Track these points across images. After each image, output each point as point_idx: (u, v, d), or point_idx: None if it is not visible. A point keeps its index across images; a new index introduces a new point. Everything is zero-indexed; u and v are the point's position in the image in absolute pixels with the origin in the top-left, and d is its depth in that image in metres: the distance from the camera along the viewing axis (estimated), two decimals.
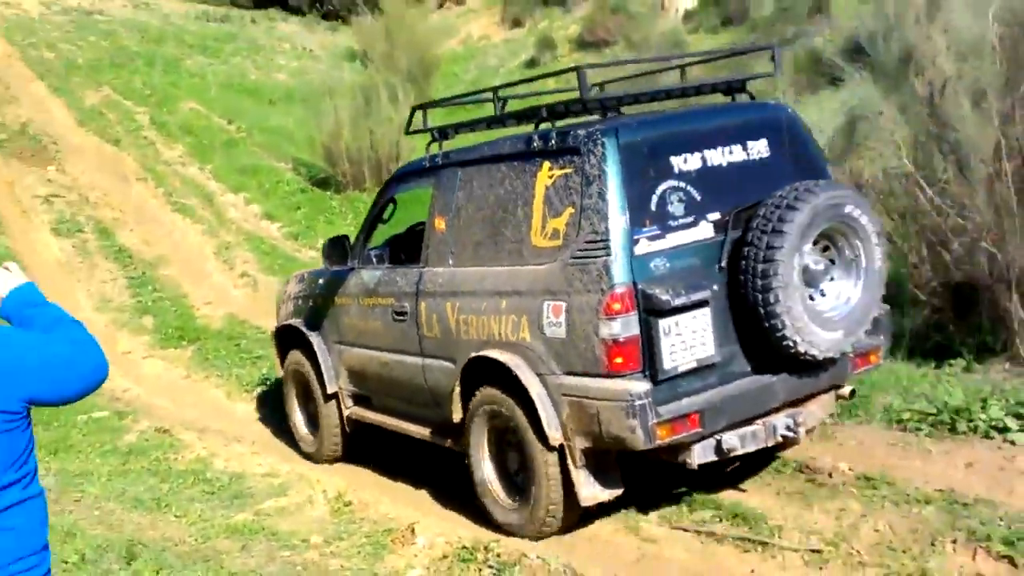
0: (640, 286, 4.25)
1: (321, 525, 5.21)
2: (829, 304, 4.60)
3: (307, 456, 6.67)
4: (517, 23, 21.83)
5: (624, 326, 4.23)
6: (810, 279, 4.51)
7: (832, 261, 4.63)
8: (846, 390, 5.02)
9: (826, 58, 12.98)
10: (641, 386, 4.21)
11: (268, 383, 8.18)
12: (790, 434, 4.62)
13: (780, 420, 4.61)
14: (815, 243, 4.50)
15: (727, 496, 4.98)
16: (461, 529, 4.94)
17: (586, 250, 4.36)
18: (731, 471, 5.16)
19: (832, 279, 4.63)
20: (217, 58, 19.42)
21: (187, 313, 10.21)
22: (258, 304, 10.55)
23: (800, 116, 5.17)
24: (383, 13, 19.72)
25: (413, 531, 4.83)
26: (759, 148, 4.76)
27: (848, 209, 4.49)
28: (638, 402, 4.18)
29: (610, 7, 19.17)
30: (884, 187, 7.27)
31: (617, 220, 4.28)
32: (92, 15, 20.28)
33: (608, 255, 4.27)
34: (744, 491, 5.02)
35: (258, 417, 7.80)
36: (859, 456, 5.11)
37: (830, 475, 4.96)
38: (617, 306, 4.23)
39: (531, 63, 19.16)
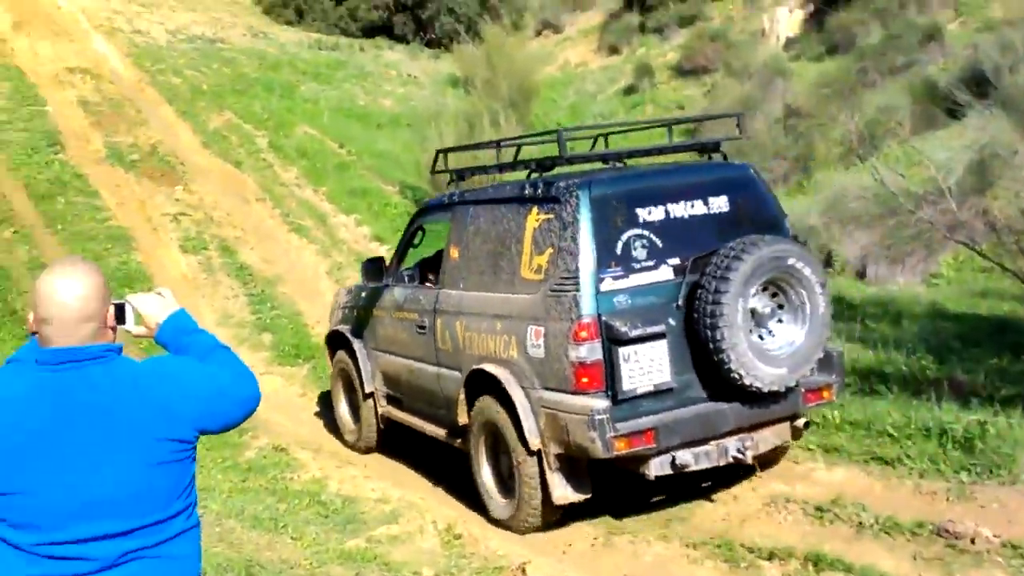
0: (604, 318, 5.02)
1: (432, 557, 5.30)
2: (775, 343, 5.23)
3: (349, 445, 7.72)
4: (614, 50, 22.19)
5: (589, 351, 5.01)
6: (758, 320, 5.19)
7: (780, 306, 5.26)
8: (800, 422, 5.61)
9: (943, 89, 12.85)
10: (602, 403, 4.96)
11: None
12: (740, 456, 5.27)
13: (731, 443, 5.26)
14: (764, 289, 5.18)
15: (859, 556, 4.82)
16: (571, 571, 5.09)
17: (561, 284, 5.17)
18: (856, 529, 5.09)
19: (780, 321, 5.27)
20: (329, 84, 20.33)
21: (302, 331, 10.83)
22: None
23: (761, 175, 5.87)
24: (484, 41, 20.34)
25: (524, 571, 4.80)
26: (720, 203, 5.46)
27: (791, 261, 5.16)
28: (598, 417, 4.92)
29: (709, 35, 19.36)
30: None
31: (586, 261, 5.09)
32: (215, 43, 21.45)
33: (578, 290, 5.06)
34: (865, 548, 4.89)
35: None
36: (1004, 521, 4.85)
37: (972, 541, 4.73)
38: (583, 334, 5.02)
39: (629, 90, 19.53)
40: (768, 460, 5.83)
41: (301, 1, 25.39)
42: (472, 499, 6.13)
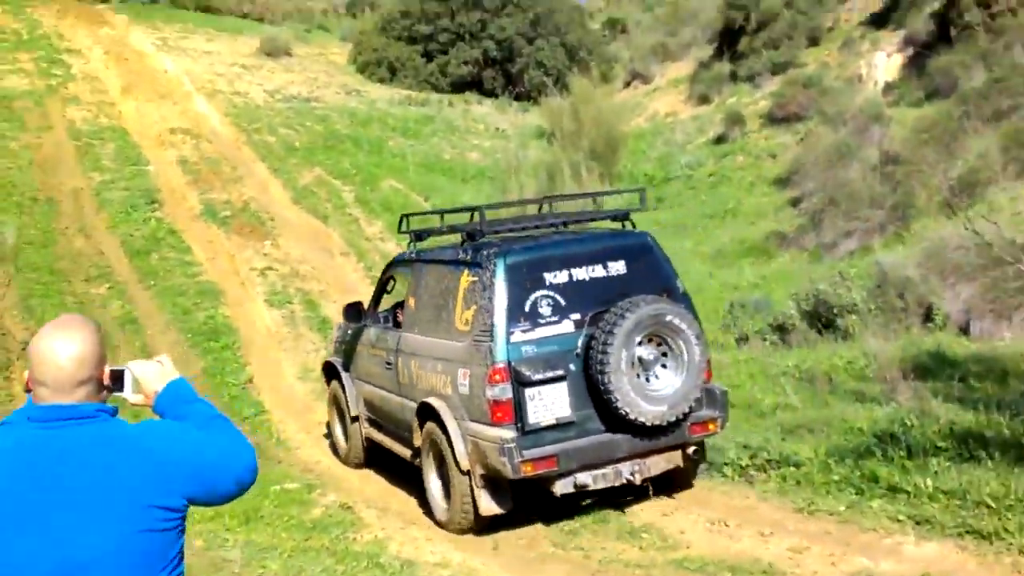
0: (513, 364, 6.00)
1: None
2: (658, 385, 6.18)
3: (342, 460, 8.76)
4: (704, 100, 21.88)
5: (502, 391, 5.99)
6: (645, 366, 6.15)
7: (664, 354, 6.19)
8: (690, 449, 6.59)
9: None
10: (510, 434, 5.94)
11: None
12: (631, 478, 6.25)
13: (625, 467, 6.22)
14: (651, 340, 6.11)
15: None
16: None
17: (480, 336, 6.16)
18: None
19: (664, 367, 6.21)
20: (416, 139, 20.63)
21: None
22: None
23: (656, 242, 6.75)
24: (571, 93, 20.35)
25: None
26: (618, 267, 6.37)
27: (669, 318, 6.09)
28: (507, 445, 5.89)
29: (802, 81, 18.88)
30: None
31: (500, 317, 6.07)
32: (309, 102, 22.08)
33: (493, 341, 6.05)
34: None
35: None
36: None
37: None
38: (497, 377, 5.99)
39: (719, 139, 19.16)
40: (667, 480, 6.78)
41: (394, 59, 25.94)
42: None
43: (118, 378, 2.48)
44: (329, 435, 9.19)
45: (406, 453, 7.37)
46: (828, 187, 14.32)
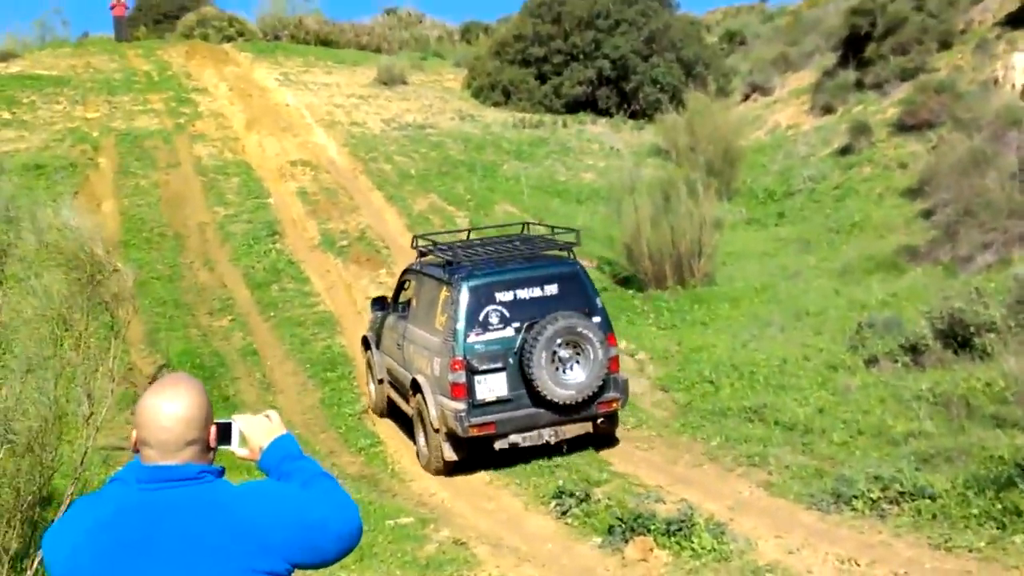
0: (468, 358, 8.46)
1: None
2: (569, 376, 8.54)
3: (371, 409, 10.91)
4: (828, 110, 20.99)
5: (458, 376, 8.45)
6: (564, 361, 8.50)
7: (579, 354, 8.52)
8: (599, 420, 8.95)
9: None
10: (463, 406, 8.43)
11: (563, 495, 8.25)
12: (550, 440, 8.68)
13: (546, 432, 8.65)
14: (569, 344, 8.47)
15: None
16: None
17: (448, 336, 8.60)
18: None
19: (577, 363, 8.55)
20: (530, 161, 20.55)
21: None
22: None
23: (583, 269, 9.20)
24: (687, 109, 19.88)
25: None
26: (552, 289, 8.69)
27: (580, 329, 8.46)
28: (460, 413, 8.42)
29: (934, 87, 17.87)
30: None
31: (461, 324, 8.49)
32: (424, 129, 22.33)
33: (455, 341, 8.50)
34: None
35: (551, 532, 7.87)
36: None
37: None
38: (456, 366, 8.45)
39: (845, 150, 18.31)
40: (580, 442, 9.03)
41: (507, 82, 26.03)
42: None
43: (225, 432, 2.49)
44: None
45: (409, 411, 9.62)
46: (963, 197, 13.43)
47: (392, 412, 10.51)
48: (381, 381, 10.49)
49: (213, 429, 2.39)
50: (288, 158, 19.47)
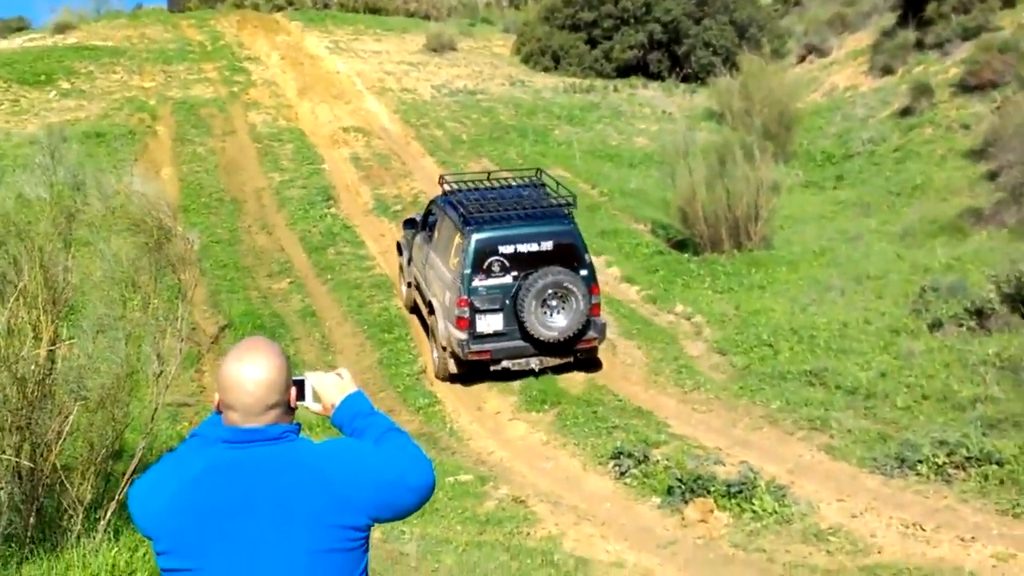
0: (471, 298, 9.94)
1: None
2: (554, 321, 9.96)
3: (403, 305, 12.42)
4: (887, 71, 20.45)
5: (463, 312, 9.91)
6: (550, 307, 9.93)
7: (564, 301, 9.92)
8: (578, 355, 10.37)
9: None
10: (465, 336, 9.96)
11: (621, 456, 8.26)
12: (534, 367, 10.20)
13: (532, 360, 10.18)
14: (556, 294, 9.91)
15: None
16: None
17: (456, 277, 10.06)
18: None
19: (562, 309, 9.96)
20: (582, 126, 20.40)
21: (549, 375, 10.68)
22: (616, 369, 10.79)
23: (577, 229, 10.37)
24: (741, 72, 19.54)
25: None
26: (547, 245, 10.07)
27: (566, 284, 9.89)
28: (463, 341, 9.95)
29: (997, 46, 17.32)
30: None
31: (467, 269, 9.93)
32: (475, 95, 22.25)
33: (462, 283, 9.94)
34: None
35: (610, 492, 7.89)
36: None
37: None
38: (462, 304, 9.92)
39: (905, 112, 17.88)
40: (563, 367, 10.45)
41: (557, 47, 25.78)
42: None
43: (299, 388, 2.51)
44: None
45: (428, 320, 11.24)
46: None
47: (415, 310, 12.18)
48: (410, 285, 12.12)
49: (293, 390, 2.42)
50: (340, 125, 19.56)
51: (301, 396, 2.53)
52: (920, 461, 7.60)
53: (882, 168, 16.24)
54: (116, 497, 6.18)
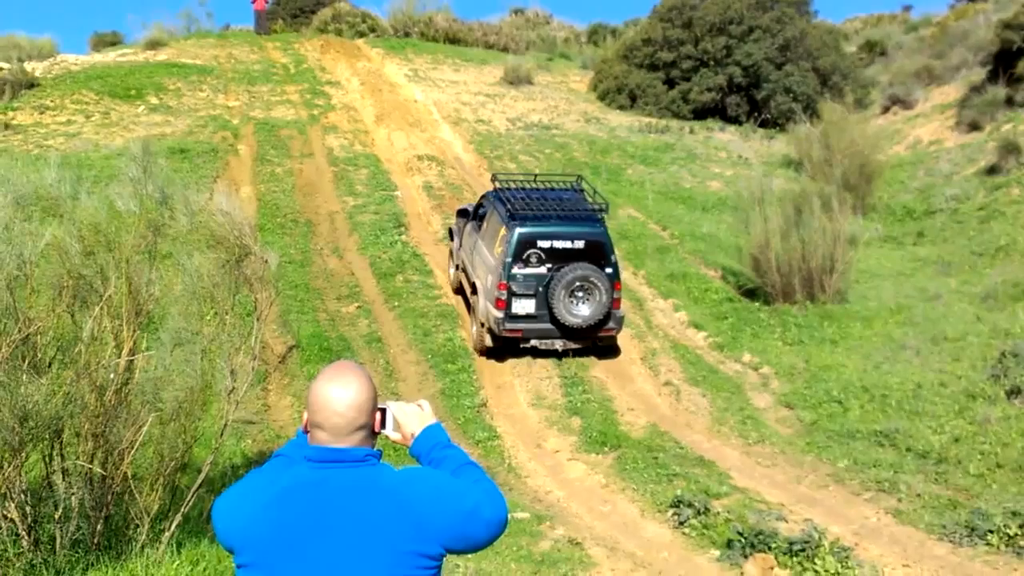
0: (510, 283, 11.32)
1: None
2: (579, 309, 11.31)
3: (451, 286, 13.87)
4: (974, 127, 20.02)
5: (501, 294, 11.30)
6: (576, 298, 11.28)
7: (589, 293, 11.27)
8: (599, 341, 11.79)
9: None
10: (502, 315, 11.33)
11: (681, 505, 8.12)
12: (559, 348, 11.62)
13: (558, 342, 11.57)
14: (582, 287, 11.26)
15: None
16: None
17: (499, 263, 11.44)
18: None
19: (587, 300, 11.30)
20: (656, 167, 20.32)
21: (611, 418, 10.58)
22: (680, 416, 10.65)
23: (606, 232, 11.71)
24: (822, 120, 19.30)
25: None
26: (579, 244, 11.46)
27: (591, 278, 11.24)
28: (500, 320, 11.35)
29: None
30: None
31: (509, 258, 11.32)
32: (550, 130, 22.37)
33: (504, 269, 11.32)
34: None
35: (668, 541, 7.75)
36: None
37: None
38: (501, 288, 11.31)
39: (991, 170, 17.45)
40: (583, 351, 11.86)
41: (634, 86, 25.81)
42: None
43: (380, 415, 2.59)
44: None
45: (470, 299, 12.60)
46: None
47: (459, 290, 13.58)
48: (458, 267, 13.55)
49: (378, 415, 2.52)
50: (415, 152, 19.79)
51: (383, 424, 2.60)
52: (991, 531, 7.39)
53: (965, 227, 15.84)
54: (181, 510, 6.27)
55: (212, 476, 7.41)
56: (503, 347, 11.72)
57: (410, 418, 2.69)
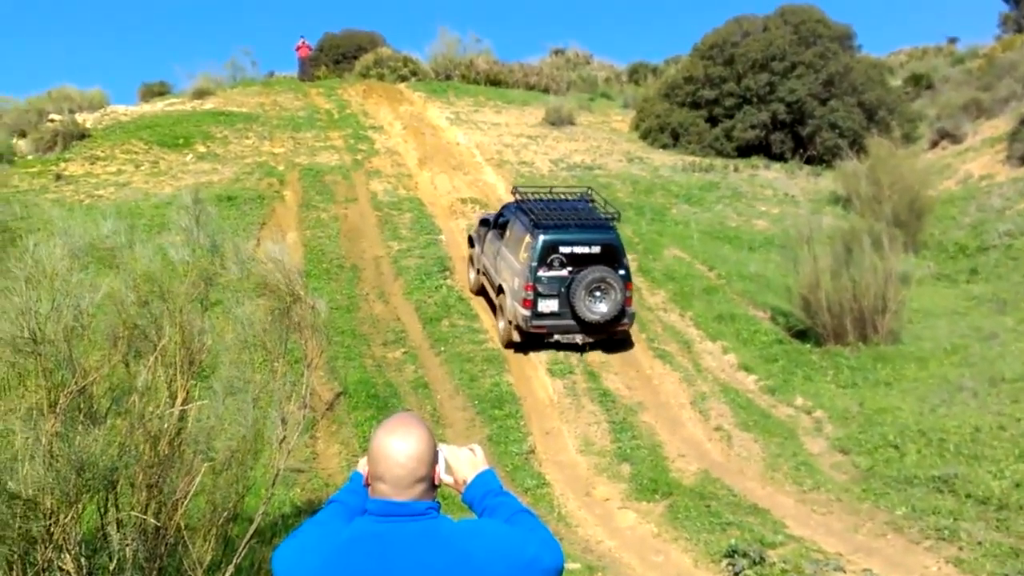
0: (536, 285, 12.75)
1: None
2: (597, 306, 12.63)
3: (469, 288, 15.18)
4: None
5: (528, 295, 12.72)
6: (594, 297, 12.63)
7: (605, 293, 12.62)
8: (614, 335, 13.16)
9: None
10: (528, 313, 12.75)
11: (736, 555, 7.94)
12: (580, 342, 12.94)
13: (578, 337, 12.92)
14: (599, 288, 12.63)
15: None
16: None
17: (525, 267, 12.83)
18: None
19: (604, 298, 12.63)
20: (700, 206, 20.22)
21: (661, 464, 10.42)
22: (732, 462, 10.46)
23: (619, 238, 13.18)
24: (869, 156, 19.10)
25: None
26: (596, 249, 12.81)
27: (607, 279, 12.61)
28: (526, 318, 12.77)
29: None
30: None
31: (535, 263, 12.75)
32: (593, 170, 22.39)
33: (530, 272, 12.73)
34: None
35: None
36: None
37: None
38: (528, 289, 12.73)
39: None
40: (599, 344, 13.19)
41: (677, 124, 25.79)
42: None
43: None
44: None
45: (493, 299, 13.86)
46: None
47: (480, 292, 14.85)
48: (479, 271, 14.74)
49: (439, 466, 2.54)
50: (459, 196, 19.91)
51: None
52: None
53: (1020, 263, 15.50)
54: (234, 561, 6.26)
55: (263, 526, 7.41)
56: (528, 341, 13.05)
57: (462, 463, 2.69)
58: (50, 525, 5.71)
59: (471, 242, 15.44)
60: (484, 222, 15.14)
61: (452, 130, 25.24)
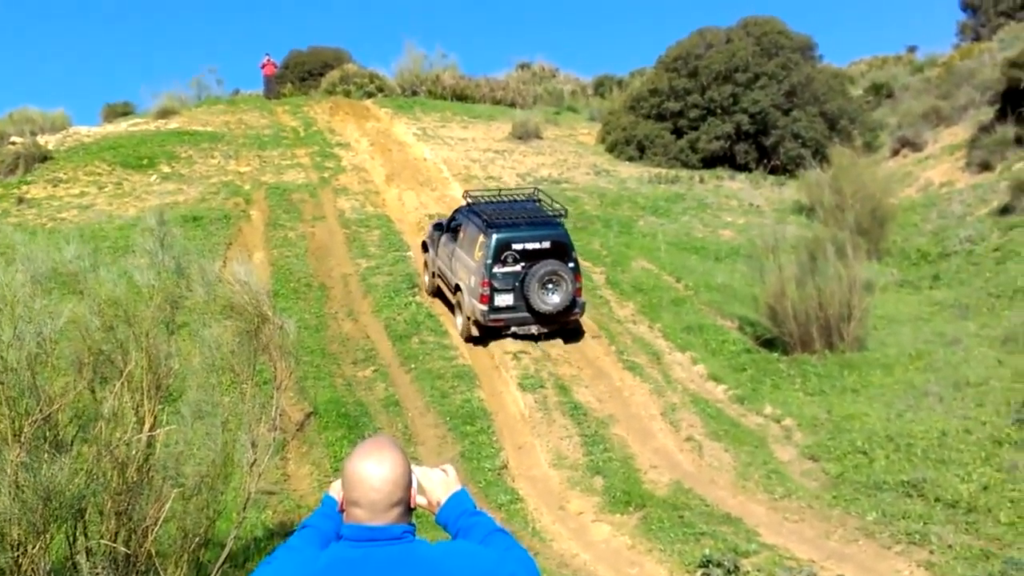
0: (491, 280, 13.39)
1: None
2: (550, 298, 13.35)
3: (425, 290, 15.78)
4: (985, 167, 20.02)
5: (484, 291, 13.41)
6: (547, 289, 13.32)
7: (557, 285, 13.34)
8: (567, 325, 13.95)
9: None
10: (485, 308, 13.47)
11: (710, 565, 7.99)
12: (535, 333, 13.63)
13: (533, 328, 13.60)
14: (550, 280, 13.33)
15: None
16: None
17: (482, 265, 13.45)
18: None
19: (556, 290, 13.36)
20: (667, 218, 20.36)
21: (633, 476, 10.45)
22: (703, 472, 10.52)
23: (567, 234, 13.95)
24: (832, 165, 19.36)
25: None
26: (546, 244, 13.56)
27: (558, 272, 13.32)
28: (484, 311, 13.50)
29: None
30: None
31: (489, 260, 13.40)
32: (560, 183, 22.45)
33: (485, 269, 13.39)
34: None
35: None
36: None
37: None
38: (484, 285, 13.41)
39: (1005, 210, 17.41)
40: (553, 334, 13.84)
41: (643, 137, 25.99)
42: None
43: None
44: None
45: (450, 299, 14.63)
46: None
47: (435, 293, 15.51)
48: (433, 275, 15.51)
49: (414, 489, 2.53)
50: (426, 211, 19.89)
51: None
52: None
53: (981, 268, 15.77)
54: None
55: (235, 550, 7.35)
56: (487, 334, 13.77)
57: (435, 484, 2.68)
58: (18, 556, 5.64)
59: (424, 247, 16.04)
60: (437, 227, 15.67)
61: (419, 146, 25.25)
